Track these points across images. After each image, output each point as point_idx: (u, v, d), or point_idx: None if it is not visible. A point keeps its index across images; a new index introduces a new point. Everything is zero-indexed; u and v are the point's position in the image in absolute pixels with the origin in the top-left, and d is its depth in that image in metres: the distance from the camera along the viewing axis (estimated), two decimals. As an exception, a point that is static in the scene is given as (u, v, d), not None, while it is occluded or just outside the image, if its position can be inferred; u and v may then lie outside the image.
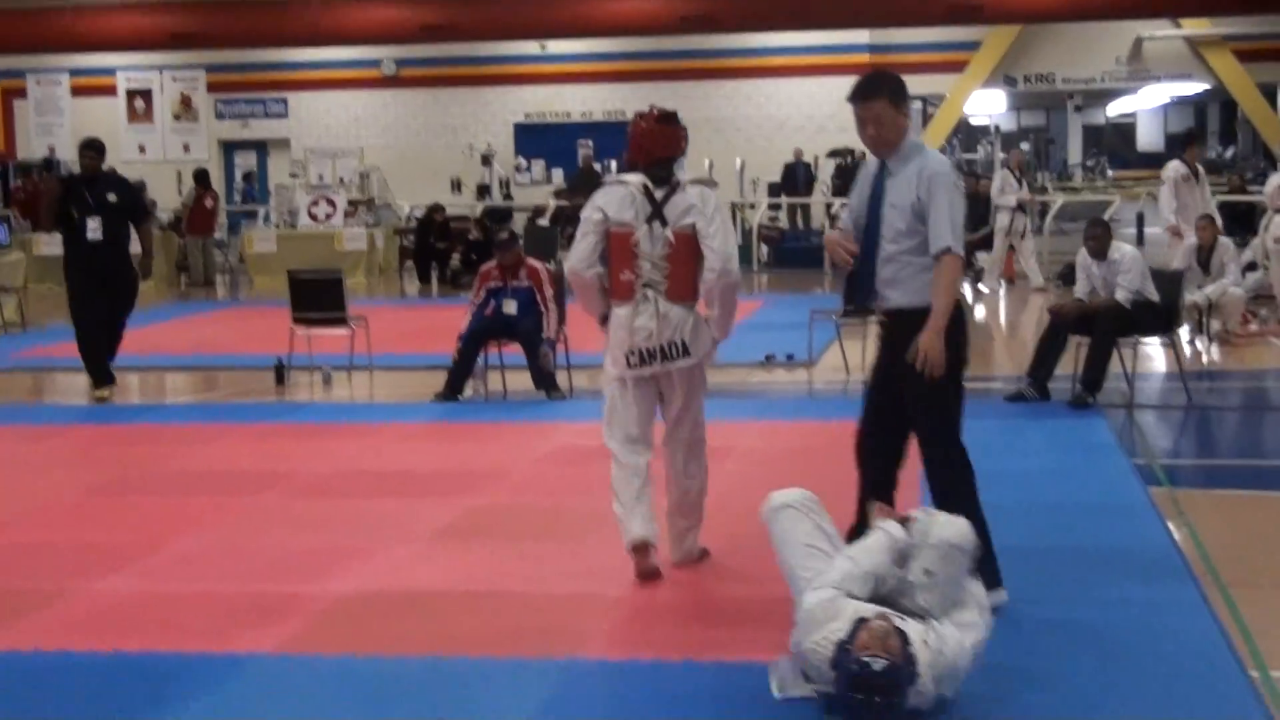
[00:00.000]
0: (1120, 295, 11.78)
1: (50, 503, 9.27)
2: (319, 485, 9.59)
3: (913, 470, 7.08)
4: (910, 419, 6.87)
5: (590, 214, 7.37)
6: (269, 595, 7.13)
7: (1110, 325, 11.72)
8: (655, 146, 7.39)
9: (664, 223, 7.21)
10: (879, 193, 6.74)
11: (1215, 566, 7.30)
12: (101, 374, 13.34)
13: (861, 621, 5.32)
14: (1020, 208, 21.97)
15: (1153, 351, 12.64)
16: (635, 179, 7.35)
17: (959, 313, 6.69)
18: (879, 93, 6.67)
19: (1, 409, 13.22)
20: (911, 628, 5.39)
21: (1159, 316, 11.99)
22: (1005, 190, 22.08)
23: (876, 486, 6.99)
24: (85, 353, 13.32)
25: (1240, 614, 6.54)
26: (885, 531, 5.91)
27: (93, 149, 13.48)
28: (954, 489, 6.84)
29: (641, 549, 7.22)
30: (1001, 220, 21.92)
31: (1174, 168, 18.00)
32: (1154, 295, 11.94)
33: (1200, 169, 18.46)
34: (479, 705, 5.65)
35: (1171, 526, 8.06)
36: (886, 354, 6.91)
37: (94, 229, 13.11)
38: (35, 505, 9.19)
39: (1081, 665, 5.94)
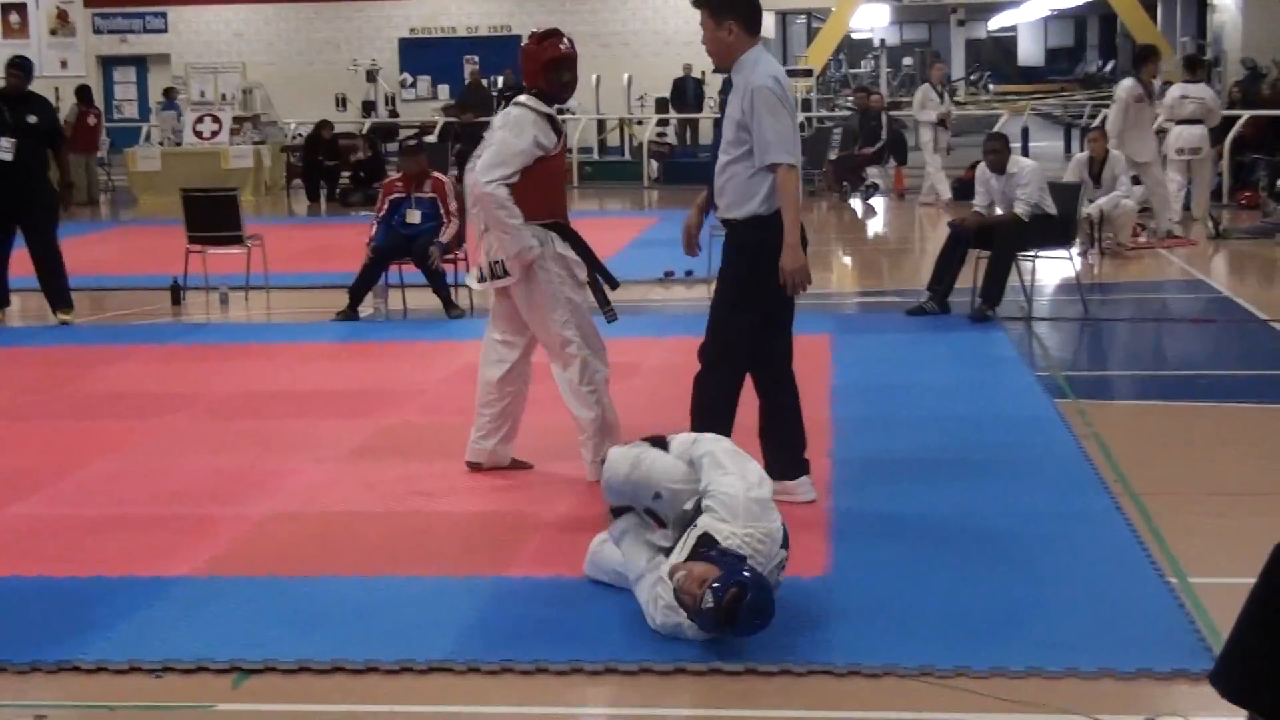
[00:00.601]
0: (1019, 209, 11.91)
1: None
2: (227, 407, 9.51)
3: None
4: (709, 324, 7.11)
5: (529, 146, 7.31)
6: (187, 518, 7.08)
7: (1010, 239, 11.85)
8: (565, 71, 7.44)
9: None
10: (724, 106, 7.00)
11: (1125, 476, 7.44)
12: (2, 295, 13.06)
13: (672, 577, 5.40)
14: (942, 123, 21.79)
15: (1046, 265, 12.77)
16: (544, 107, 7.39)
17: (775, 234, 6.80)
18: (700, 3, 6.91)
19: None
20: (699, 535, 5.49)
21: (1057, 230, 12.14)
22: (926, 105, 21.89)
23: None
24: None
25: (1154, 522, 6.67)
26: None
27: (19, 68, 13.03)
28: (710, 403, 7.06)
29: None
30: (924, 136, 21.81)
31: (1127, 87, 16.83)
32: (1052, 209, 12.07)
33: (1155, 87, 17.36)
34: (409, 624, 5.64)
35: (1079, 438, 8.19)
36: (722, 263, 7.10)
37: (6, 150, 12.66)
38: None
39: (1002, 577, 6.03)
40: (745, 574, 5.24)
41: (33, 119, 12.76)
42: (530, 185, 7.33)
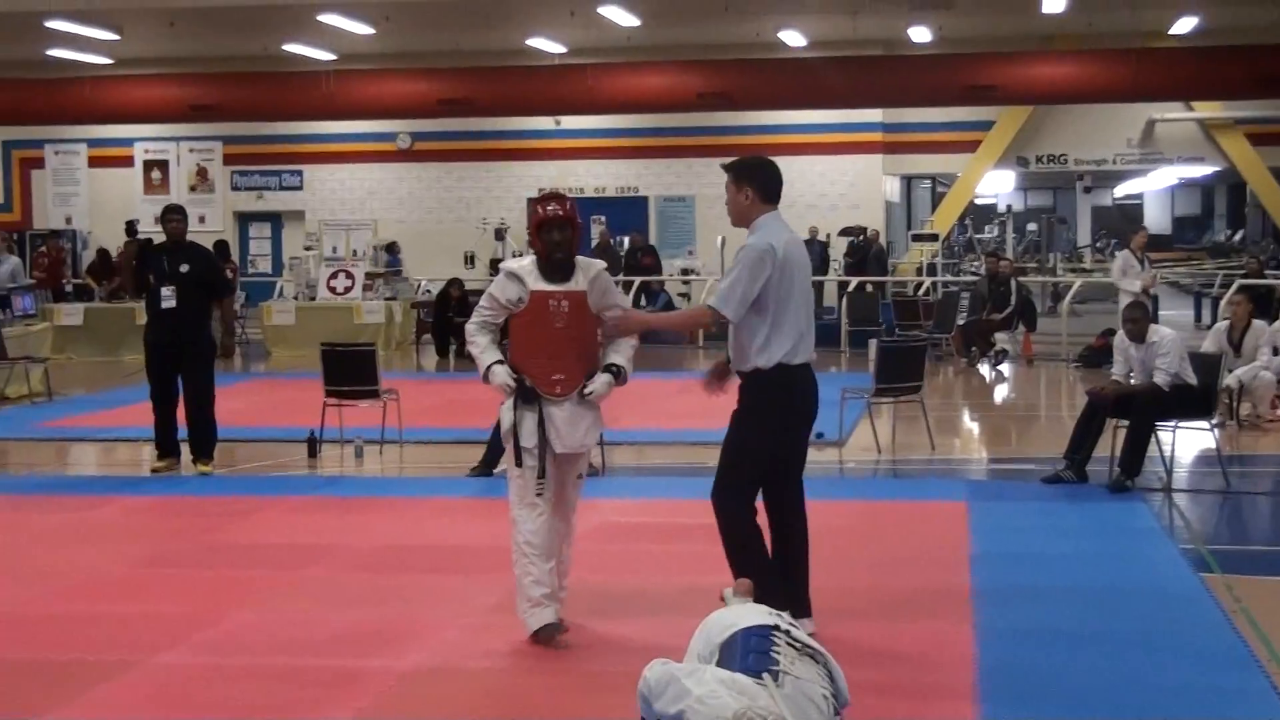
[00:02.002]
0: (1159, 379, 11.80)
1: (100, 575, 9.24)
2: (365, 560, 9.57)
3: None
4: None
5: (495, 297, 7.74)
6: (334, 670, 7.12)
7: (1149, 409, 11.74)
8: (554, 231, 7.76)
9: None
10: None
11: (1279, 653, 7.28)
12: (167, 446, 13.19)
13: None
14: (1145, 292, 20.13)
15: (1184, 436, 12.62)
16: (517, 266, 7.87)
17: (783, 393, 7.50)
18: (728, 169, 7.66)
19: (33, 480, 13.21)
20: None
21: (1197, 400, 12.01)
22: (1128, 273, 20.87)
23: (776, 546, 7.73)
24: (156, 422, 13.15)
25: (1312, 702, 6.53)
26: None
27: (180, 214, 13.18)
28: (725, 539, 7.53)
29: None
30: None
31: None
32: (1192, 379, 11.96)
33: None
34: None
35: (1229, 613, 8.04)
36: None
37: (168, 297, 12.81)
38: (86, 577, 9.17)
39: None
40: None
41: (185, 267, 12.89)
42: (515, 335, 7.70)
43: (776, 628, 5.64)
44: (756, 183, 7.56)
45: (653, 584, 8.81)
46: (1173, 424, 12.11)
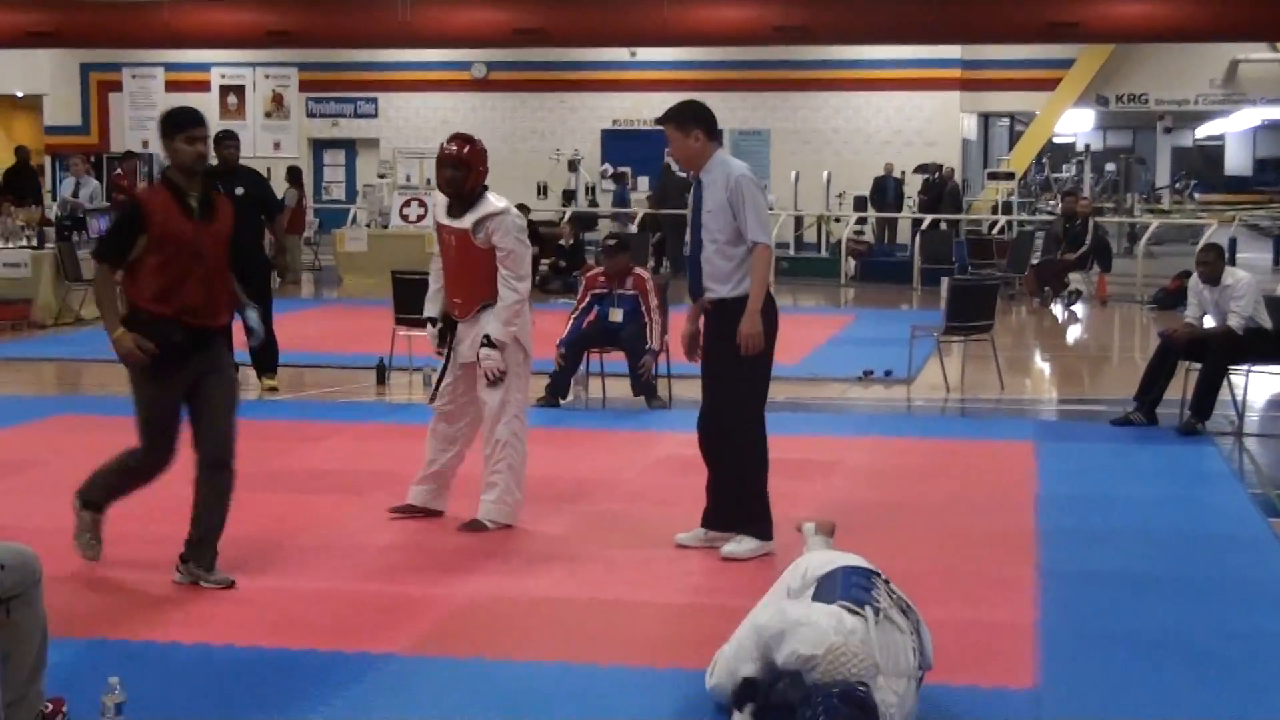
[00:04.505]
0: (1234, 321, 11.67)
1: (170, 497, 9.30)
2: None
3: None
4: (718, 395, 7.90)
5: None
6: (395, 596, 7.17)
7: (1223, 352, 11.61)
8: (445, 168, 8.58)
9: None
10: (698, 203, 7.86)
11: (1346, 601, 7.22)
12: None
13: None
14: None
15: (1258, 380, 12.48)
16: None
17: (769, 303, 7.76)
18: (666, 120, 7.88)
19: (108, 400, 13.31)
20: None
21: (1272, 344, 11.86)
22: None
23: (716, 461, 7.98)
24: None
25: (1377, 650, 6.46)
26: None
27: (233, 140, 13.28)
28: (742, 461, 7.86)
29: None
30: None
31: None
32: (1267, 322, 11.81)
33: None
34: (612, 714, 5.65)
35: (1297, 558, 7.97)
36: (711, 341, 7.86)
37: None
38: (151, 500, 9.23)
39: (1216, 696, 5.88)
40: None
41: (240, 190, 12.99)
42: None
43: (878, 574, 5.65)
44: (704, 123, 7.85)
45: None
46: (1246, 368, 11.99)
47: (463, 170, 8.32)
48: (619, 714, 5.66)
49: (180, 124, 7.24)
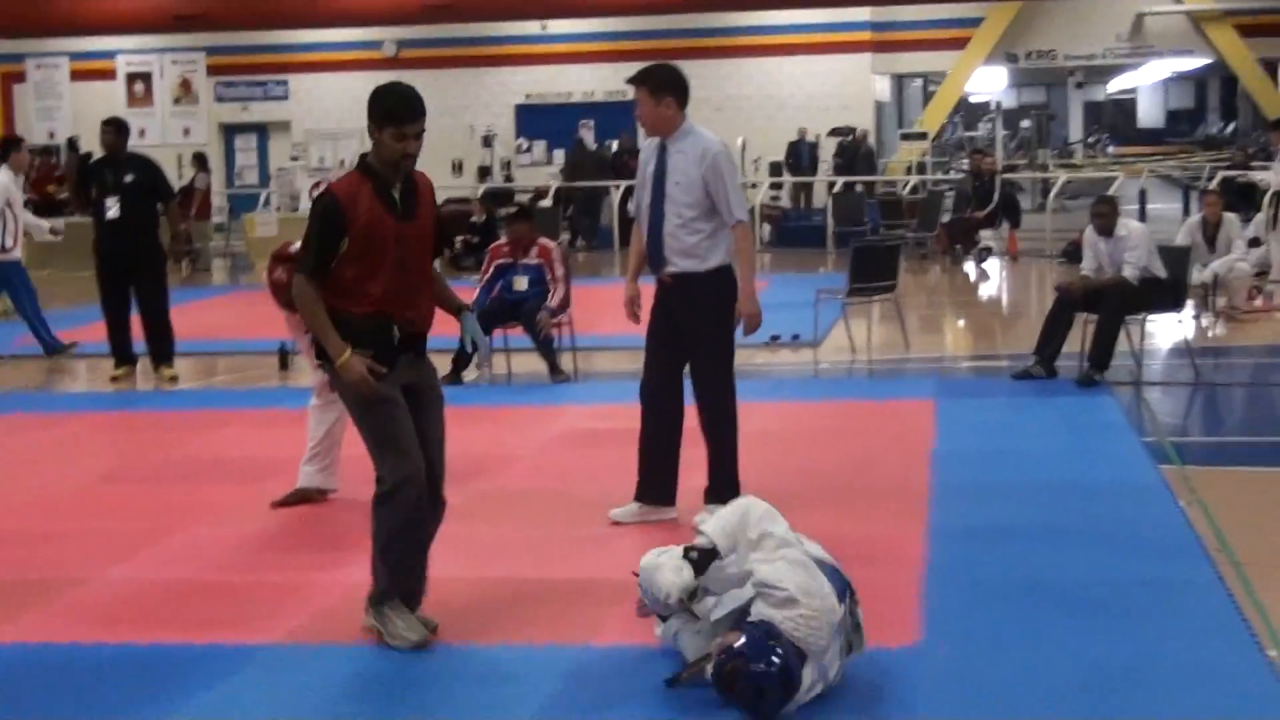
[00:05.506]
0: (1128, 272, 11.74)
1: (59, 490, 9.23)
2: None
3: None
4: (693, 371, 7.90)
5: None
6: (278, 585, 7.11)
7: (1118, 302, 11.68)
8: None
9: None
10: (661, 170, 7.71)
11: (1230, 545, 7.27)
12: (121, 354, 13.49)
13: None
14: None
15: (1158, 328, 12.58)
16: None
17: (728, 272, 7.69)
18: (639, 82, 7.76)
19: (6, 397, 13.17)
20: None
21: (1166, 293, 11.95)
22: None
23: (661, 433, 7.93)
24: (109, 331, 13.45)
25: (1255, 593, 6.51)
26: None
27: (112, 126, 13.46)
28: (722, 432, 7.95)
29: None
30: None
31: None
32: (1161, 272, 11.90)
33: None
34: (492, 695, 5.61)
35: (1184, 505, 8.02)
36: (663, 314, 7.81)
37: (111, 208, 13.11)
38: (43, 493, 9.16)
39: (1098, 646, 5.90)
40: (752, 650, 5.18)
41: (129, 177, 13.10)
42: None
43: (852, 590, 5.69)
44: (677, 91, 7.74)
45: (615, 489, 8.72)
46: (1142, 317, 12.08)
47: None
48: (499, 695, 5.62)
49: (390, 114, 6.09)
